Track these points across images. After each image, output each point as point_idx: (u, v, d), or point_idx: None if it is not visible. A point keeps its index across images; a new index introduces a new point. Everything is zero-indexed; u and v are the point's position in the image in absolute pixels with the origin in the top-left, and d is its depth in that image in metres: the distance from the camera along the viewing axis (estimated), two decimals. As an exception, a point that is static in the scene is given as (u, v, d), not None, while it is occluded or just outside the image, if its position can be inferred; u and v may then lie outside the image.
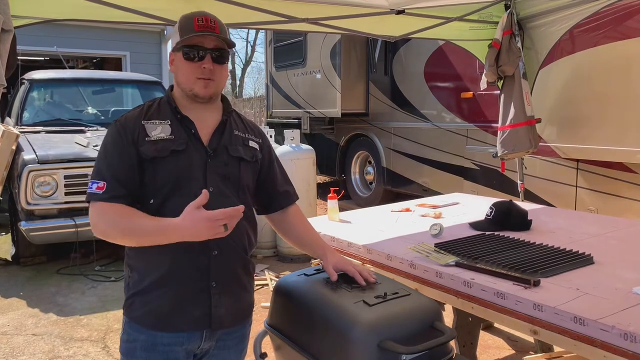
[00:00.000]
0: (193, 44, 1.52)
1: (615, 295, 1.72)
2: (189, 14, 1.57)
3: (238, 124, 1.70)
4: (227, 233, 1.37)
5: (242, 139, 1.66)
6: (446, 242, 2.37)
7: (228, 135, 1.62)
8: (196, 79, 1.54)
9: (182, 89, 1.58)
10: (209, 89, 1.55)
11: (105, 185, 1.47)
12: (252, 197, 1.70)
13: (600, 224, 2.84)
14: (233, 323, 1.62)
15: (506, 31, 3.97)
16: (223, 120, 1.64)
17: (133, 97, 7.13)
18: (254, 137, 1.70)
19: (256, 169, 1.69)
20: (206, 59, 1.52)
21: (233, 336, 1.64)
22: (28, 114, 5.96)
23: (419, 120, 6.67)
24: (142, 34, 10.59)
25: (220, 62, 1.56)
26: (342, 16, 3.72)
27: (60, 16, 3.12)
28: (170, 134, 1.54)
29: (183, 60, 1.54)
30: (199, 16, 1.54)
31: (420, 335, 1.50)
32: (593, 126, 3.94)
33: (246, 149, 1.65)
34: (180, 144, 1.53)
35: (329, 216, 3.02)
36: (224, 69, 1.59)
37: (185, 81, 1.56)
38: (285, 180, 1.84)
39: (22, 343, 3.53)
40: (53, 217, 4.78)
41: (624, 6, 3.76)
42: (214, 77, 1.55)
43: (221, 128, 1.62)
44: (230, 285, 1.58)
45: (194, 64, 1.53)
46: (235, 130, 1.66)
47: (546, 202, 4.76)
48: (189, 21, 1.53)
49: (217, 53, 1.54)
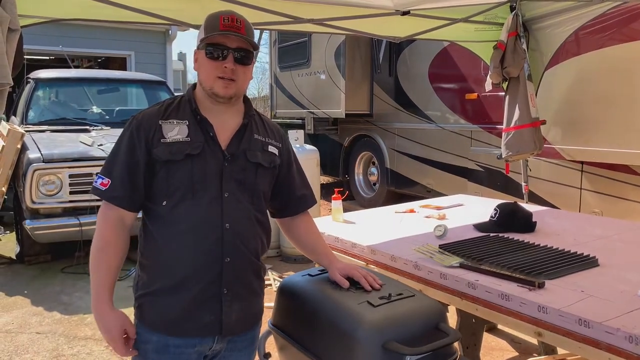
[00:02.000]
0: (216, 42, 1.50)
1: (620, 298, 1.71)
2: (216, 12, 1.55)
3: (259, 127, 1.66)
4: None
5: (262, 143, 1.62)
6: (450, 243, 2.36)
7: (247, 140, 1.59)
8: (217, 78, 1.51)
9: (203, 87, 1.56)
10: (229, 90, 1.53)
11: (109, 182, 1.48)
12: (267, 202, 1.68)
13: (605, 226, 2.83)
14: (244, 329, 1.61)
15: (511, 33, 3.96)
16: (244, 123, 1.60)
17: (138, 96, 7.15)
18: (274, 141, 1.67)
19: (274, 175, 1.66)
20: (228, 58, 1.50)
21: (244, 338, 1.63)
22: (33, 113, 5.97)
23: (423, 121, 6.66)
24: (147, 34, 10.62)
25: (243, 63, 1.53)
26: (347, 17, 3.72)
27: (66, 16, 3.13)
28: (187, 136, 1.51)
29: (205, 58, 1.52)
30: (225, 15, 1.52)
31: (425, 337, 1.51)
32: (598, 128, 3.93)
33: (265, 155, 1.61)
34: (196, 148, 1.50)
35: (333, 217, 3.02)
36: (247, 70, 1.56)
37: (206, 79, 1.54)
38: (303, 184, 1.80)
39: (26, 341, 3.54)
40: (58, 216, 4.78)
41: (630, 8, 3.75)
42: (235, 77, 1.52)
43: (241, 132, 1.59)
44: (242, 291, 1.57)
45: (215, 63, 1.51)
46: (256, 134, 1.63)
47: (550, 204, 4.75)
48: (215, 20, 1.51)
49: (240, 53, 1.52)
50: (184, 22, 3.38)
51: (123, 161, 1.50)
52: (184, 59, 16.07)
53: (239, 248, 1.52)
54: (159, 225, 1.51)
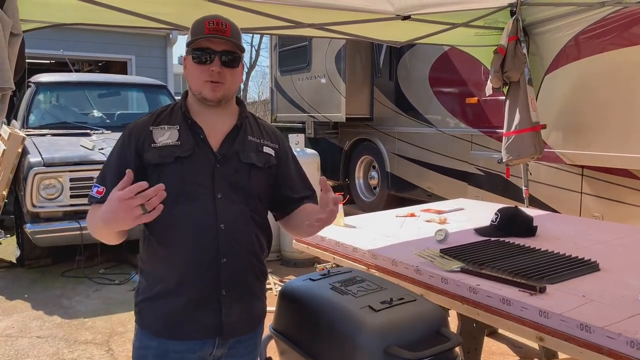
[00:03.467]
0: (202, 47, 1.51)
1: (622, 303, 1.71)
2: (202, 17, 1.55)
3: (254, 129, 1.65)
4: (151, 217, 1.27)
5: (257, 144, 1.62)
6: (451, 247, 2.36)
7: (241, 141, 1.59)
8: (204, 82, 1.52)
9: (193, 92, 1.57)
10: (217, 93, 1.53)
11: (104, 191, 1.49)
12: (265, 204, 1.66)
13: (605, 230, 2.83)
14: (245, 331, 1.60)
15: (512, 37, 3.98)
16: (237, 125, 1.61)
17: (138, 100, 7.16)
18: (269, 143, 1.66)
19: (270, 175, 1.64)
20: (214, 62, 1.51)
21: (245, 344, 1.62)
22: (34, 116, 5.98)
23: (423, 125, 6.67)
24: (147, 38, 10.65)
25: (230, 66, 1.53)
26: (348, 21, 3.73)
27: (68, 20, 3.14)
28: (177, 139, 1.52)
29: (193, 63, 1.53)
30: (210, 19, 1.52)
31: (426, 341, 1.51)
32: (598, 132, 3.93)
33: (259, 155, 1.60)
34: (186, 150, 1.51)
35: (334, 221, 3.01)
36: (235, 73, 1.56)
37: (194, 84, 1.55)
38: (304, 186, 1.75)
39: (27, 345, 3.53)
40: (58, 220, 4.79)
41: (630, 13, 3.76)
42: (223, 80, 1.53)
43: (234, 133, 1.59)
44: (241, 292, 1.56)
45: (202, 67, 1.51)
46: (250, 135, 1.62)
47: (551, 209, 4.75)
48: (200, 24, 1.52)
49: (227, 57, 1.52)
50: (184, 26, 3.39)
51: (114, 169, 1.51)
52: (184, 63, 16.12)
53: (235, 248, 1.52)
54: (155, 229, 1.52)
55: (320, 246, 2.75)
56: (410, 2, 3.58)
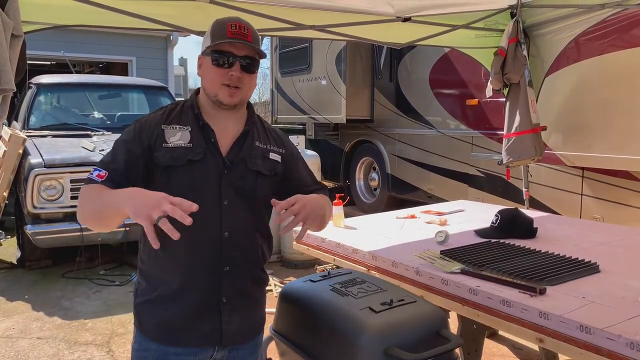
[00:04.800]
0: (223, 50, 1.48)
1: (622, 304, 1.72)
2: (223, 19, 1.52)
3: (260, 134, 1.63)
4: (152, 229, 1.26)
5: (263, 150, 1.60)
6: (452, 249, 2.37)
7: (248, 147, 1.57)
8: (221, 85, 1.49)
9: (208, 94, 1.54)
10: (234, 98, 1.51)
11: (106, 174, 1.45)
12: (269, 211, 1.64)
13: (606, 232, 2.84)
14: (245, 339, 1.59)
15: (512, 39, 3.98)
16: (245, 130, 1.58)
17: (139, 102, 7.17)
18: (275, 148, 1.64)
19: (275, 182, 1.63)
20: (235, 66, 1.48)
21: (245, 346, 1.61)
22: (35, 118, 5.99)
23: (423, 127, 6.67)
24: (148, 39, 10.66)
25: (249, 71, 1.51)
26: (348, 23, 3.74)
27: (69, 22, 3.14)
28: (189, 141, 1.50)
29: (211, 65, 1.49)
30: (232, 22, 1.49)
31: (426, 343, 1.51)
32: (598, 134, 3.94)
33: (265, 162, 1.58)
34: (198, 154, 1.49)
35: (334, 222, 3.02)
36: (252, 78, 1.54)
37: (210, 87, 1.52)
38: (313, 182, 1.74)
39: (27, 347, 3.54)
40: (59, 221, 4.78)
41: (630, 15, 3.76)
42: (241, 85, 1.50)
43: (242, 139, 1.57)
44: (242, 301, 1.55)
45: (221, 70, 1.48)
46: (257, 141, 1.60)
47: (551, 210, 4.75)
48: (222, 27, 1.49)
49: (247, 61, 1.50)
50: (185, 27, 3.40)
51: (121, 158, 1.48)
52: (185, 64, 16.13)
53: (238, 257, 1.51)
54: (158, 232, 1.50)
55: (321, 247, 2.75)
56: (410, 4, 3.59)
